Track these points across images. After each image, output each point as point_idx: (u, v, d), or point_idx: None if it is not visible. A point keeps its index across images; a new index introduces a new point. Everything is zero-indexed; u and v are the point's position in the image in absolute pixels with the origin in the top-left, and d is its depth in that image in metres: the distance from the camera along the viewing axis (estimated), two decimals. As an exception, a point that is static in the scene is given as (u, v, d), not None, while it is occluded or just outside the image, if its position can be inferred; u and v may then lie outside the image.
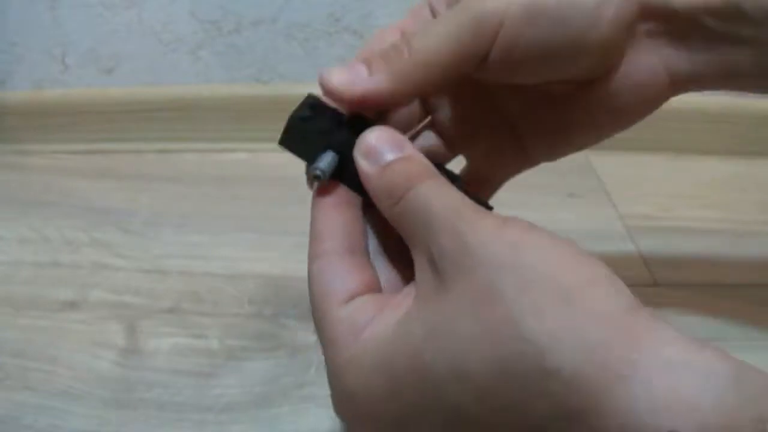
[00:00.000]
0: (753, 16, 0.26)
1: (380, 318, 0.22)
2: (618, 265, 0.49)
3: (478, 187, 0.33)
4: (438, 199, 0.22)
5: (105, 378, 0.36)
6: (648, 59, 0.28)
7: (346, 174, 0.26)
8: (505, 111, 0.31)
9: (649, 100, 0.31)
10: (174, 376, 0.36)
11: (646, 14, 0.27)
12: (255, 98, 0.59)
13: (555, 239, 0.21)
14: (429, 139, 0.31)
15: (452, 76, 0.27)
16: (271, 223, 0.50)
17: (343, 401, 0.23)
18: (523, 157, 0.33)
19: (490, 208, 0.27)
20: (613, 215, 0.51)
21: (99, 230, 0.49)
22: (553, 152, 0.33)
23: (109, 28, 0.58)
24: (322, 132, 0.27)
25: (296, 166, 0.62)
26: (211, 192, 0.55)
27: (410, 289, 0.23)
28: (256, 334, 0.39)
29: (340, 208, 0.26)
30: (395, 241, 0.26)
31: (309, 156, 0.27)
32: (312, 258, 0.25)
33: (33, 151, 0.61)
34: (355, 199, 0.27)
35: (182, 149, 0.61)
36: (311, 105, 0.27)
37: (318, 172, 0.26)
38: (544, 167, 0.34)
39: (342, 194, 0.27)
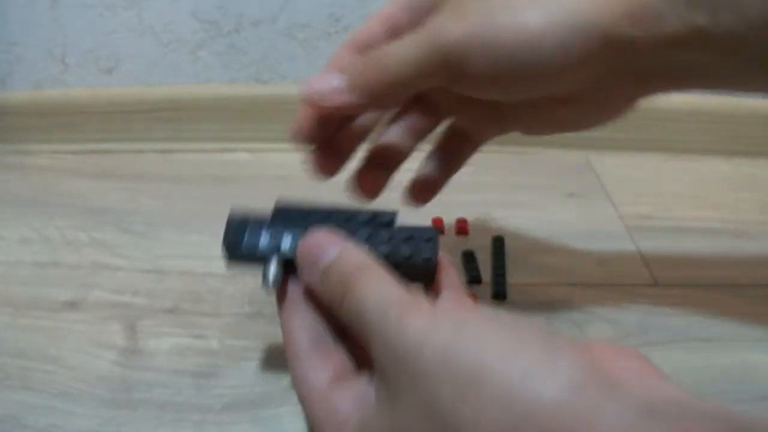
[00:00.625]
0: (718, 41, 0.26)
1: (354, 416, 0.24)
2: (618, 265, 0.50)
3: (461, 145, 0.36)
4: (367, 303, 0.24)
5: (105, 378, 0.36)
6: (611, 89, 0.30)
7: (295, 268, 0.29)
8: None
9: (613, 114, 0.33)
10: (174, 376, 0.36)
11: (610, 52, 0.27)
12: (255, 98, 0.59)
13: (484, 324, 0.21)
14: (395, 133, 0.33)
15: (416, 92, 0.30)
16: (271, 223, 0.50)
17: None
18: (503, 127, 0.35)
19: (436, 234, 0.30)
20: (613, 215, 0.51)
21: (99, 230, 0.49)
22: (532, 131, 0.35)
23: (109, 28, 0.58)
24: (255, 245, 0.30)
25: (296, 166, 0.63)
26: (211, 192, 0.55)
27: (374, 385, 0.25)
28: (256, 334, 0.39)
29: (298, 307, 0.29)
30: None
31: (258, 261, 0.30)
32: (289, 359, 0.28)
33: (33, 151, 0.61)
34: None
35: (182, 149, 0.61)
36: (234, 225, 0.31)
37: (269, 285, 0.29)
38: (545, 167, 0.34)
39: (301, 291, 0.29)
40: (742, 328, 0.39)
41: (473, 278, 0.43)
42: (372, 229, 0.30)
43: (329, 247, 0.27)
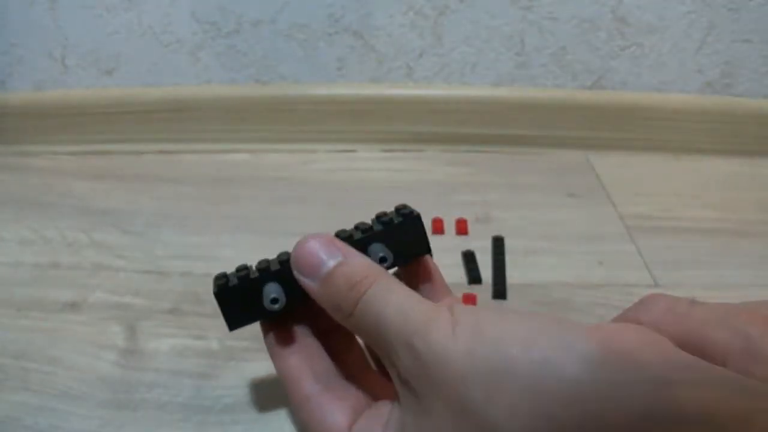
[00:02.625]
0: None
1: None
2: (618, 265, 0.50)
3: None
4: (386, 310, 0.23)
5: (105, 379, 0.36)
6: None
7: (293, 292, 0.28)
8: None
9: None
10: (174, 377, 0.36)
11: None
12: (255, 98, 0.59)
13: (498, 324, 0.22)
14: None
15: None
16: (271, 223, 0.50)
17: None
18: None
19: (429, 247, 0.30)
20: (613, 215, 0.51)
21: (99, 231, 0.49)
22: None
23: (109, 29, 0.58)
24: (251, 288, 0.28)
25: (296, 166, 0.62)
26: (211, 192, 0.55)
27: (397, 403, 0.24)
28: (256, 335, 0.39)
29: (299, 349, 0.28)
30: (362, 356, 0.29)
31: (259, 312, 0.29)
32: (298, 406, 0.27)
33: (33, 151, 0.61)
34: (308, 329, 0.29)
35: (182, 149, 0.61)
36: (218, 276, 0.29)
37: (274, 296, 0.27)
38: (545, 167, 0.34)
39: (294, 334, 0.28)
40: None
41: (473, 278, 0.43)
42: (350, 230, 0.30)
43: (331, 250, 0.26)
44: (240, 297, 0.28)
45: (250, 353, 0.37)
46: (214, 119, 0.60)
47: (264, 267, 0.28)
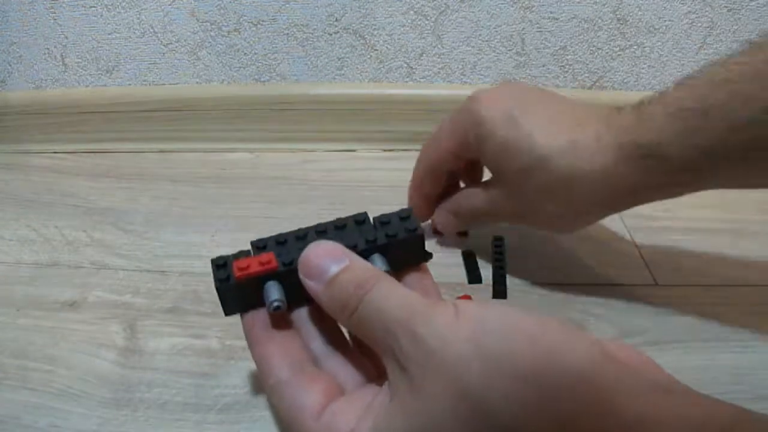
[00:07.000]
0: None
1: (363, 423, 0.24)
2: (618, 265, 0.49)
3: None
4: (389, 304, 0.24)
5: (105, 378, 0.36)
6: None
7: (290, 291, 0.29)
8: None
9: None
10: (174, 376, 0.36)
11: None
12: (255, 98, 0.59)
13: (504, 317, 0.22)
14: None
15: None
16: (271, 223, 0.50)
17: None
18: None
19: (429, 255, 0.31)
20: (613, 215, 0.51)
21: (99, 230, 0.49)
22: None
23: (109, 28, 0.58)
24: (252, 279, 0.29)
25: (296, 166, 0.62)
26: (211, 192, 0.55)
27: (384, 390, 0.25)
28: (256, 334, 0.39)
29: (274, 334, 0.29)
30: (341, 336, 0.30)
31: (257, 302, 0.30)
32: (270, 389, 0.27)
33: (33, 151, 0.61)
34: (285, 315, 0.30)
35: (182, 149, 0.61)
36: (219, 265, 0.30)
37: (277, 304, 0.28)
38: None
39: (274, 321, 0.29)
40: (741, 328, 0.39)
41: (473, 278, 0.43)
42: (350, 229, 0.31)
43: (337, 256, 0.27)
44: (240, 292, 0.29)
45: (249, 353, 0.37)
46: (214, 118, 0.60)
47: (266, 262, 0.29)
